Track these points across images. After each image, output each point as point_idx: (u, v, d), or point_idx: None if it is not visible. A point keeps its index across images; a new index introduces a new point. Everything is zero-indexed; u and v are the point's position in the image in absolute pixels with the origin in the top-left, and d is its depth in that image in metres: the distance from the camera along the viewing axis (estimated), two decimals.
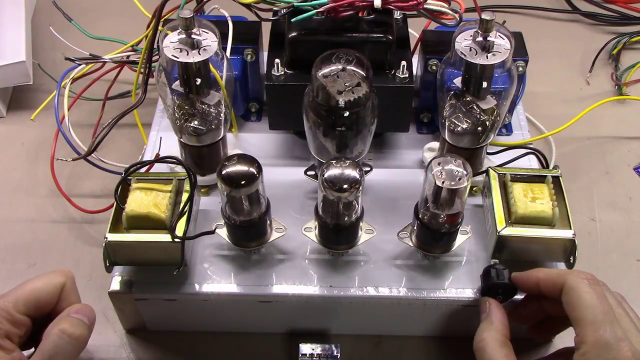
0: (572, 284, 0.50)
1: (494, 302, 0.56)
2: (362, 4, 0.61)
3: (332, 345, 0.59)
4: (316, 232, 0.60)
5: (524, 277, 0.55)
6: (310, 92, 0.59)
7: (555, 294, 0.51)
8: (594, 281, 0.50)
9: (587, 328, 0.47)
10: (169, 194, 0.59)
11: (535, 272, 0.54)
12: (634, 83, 0.90)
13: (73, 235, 0.71)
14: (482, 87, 0.61)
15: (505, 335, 0.53)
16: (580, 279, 0.50)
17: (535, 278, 0.54)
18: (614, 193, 0.76)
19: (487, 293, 0.57)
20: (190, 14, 0.58)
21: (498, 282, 0.56)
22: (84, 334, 0.52)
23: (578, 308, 0.48)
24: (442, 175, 0.54)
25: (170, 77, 0.62)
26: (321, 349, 0.59)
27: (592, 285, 0.49)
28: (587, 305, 0.48)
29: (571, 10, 1.03)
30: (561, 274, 0.52)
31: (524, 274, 0.55)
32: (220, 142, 0.65)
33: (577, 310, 0.49)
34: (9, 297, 0.52)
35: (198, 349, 0.63)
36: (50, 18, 0.85)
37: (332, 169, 0.54)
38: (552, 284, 0.52)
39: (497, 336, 0.52)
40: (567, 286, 0.50)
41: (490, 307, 0.55)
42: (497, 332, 0.53)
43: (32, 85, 0.84)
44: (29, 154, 0.80)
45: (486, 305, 0.55)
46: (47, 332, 0.51)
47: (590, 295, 0.49)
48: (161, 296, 0.59)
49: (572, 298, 0.49)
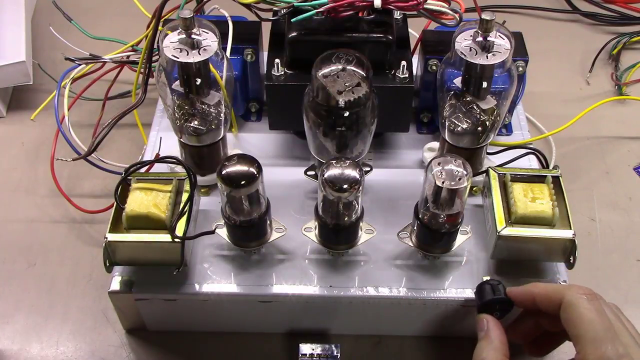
0: (570, 300, 0.48)
1: (492, 319, 0.54)
2: (362, 4, 0.61)
3: (332, 345, 0.59)
4: (316, 232, 0.60)
5: (520, 292, 0.53)
6: (310, 92, 0.59)
7: (553, 310, 0.50)
8: (592, 296, 0.49)
9: (588, 346, 0.46)
10: (169, 194, 0.59)
11: (531, 287, 0.53)
12: (634, 83, 0.90)
13: (73, 235, 0.71)
14: (482, 87, 0.61)
15: (504, 355, 0.51)
16: (579, 295, 0.48)
17: (531, 294, 0.52)
18: (614, 193, 0.76)
19: (484, 310, 0.55)
20: (190, 14, 0.58)
21: (495, 298, 0.54)
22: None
23: (578, 325, 0.47)
24: (442, 175, 0.54)
25: (170, 77, 0.62)
26: (321, 349, 0.59)
27: (591, 300, 0.48)
28: (587, 322, 0.47)
29: (571, 10, 1.03)
30: (558, 290, 0.50)
31: (520, 289, 0.54)
32: (220, 142, 0.65)
33: (577, 328, 0.47)
34: None
35: (198, 349, 0.63)
36: (50, 18, 0.85)
37: (332, 169, 0.54)
38: (549, 300, 0.51)
39: (497, 355, 0.51)
40: (566, 302, 0.49)
41: (488, 324, 0.53)
42: (496, 351, 0.51)
43: (32, 85, 0.84)
44: (29, 154, 0.80)
45: (484, 322, 0.54)
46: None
47: (590, 312, 0.47)
48: (161, 296, 0.59)
49: (571, 315, 0.48)
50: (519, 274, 0.60)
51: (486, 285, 0.55)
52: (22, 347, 0.62)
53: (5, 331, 0.64)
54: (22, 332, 0.64)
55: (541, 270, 0.60)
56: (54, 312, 0.65)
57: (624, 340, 0.47)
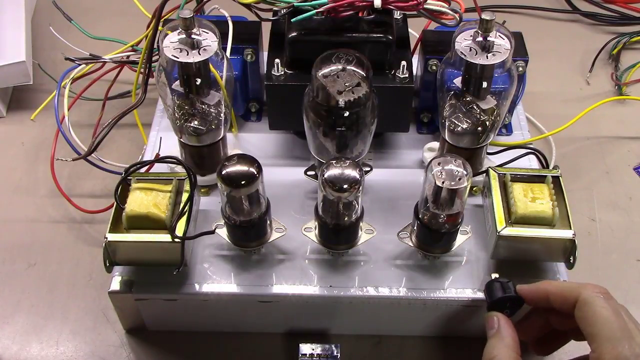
0: (587, 298, 0.48)
1: (503, 317, 0.53)
2: (362, 4, 0.61)
3: (332, 345, 0.59)
4: (316, 232, 0.60)
5: (532, 289, 0.53)
6: (310, 92, 0.59)
7: (567, 308, 0.50)
8: (608, 295, 0.49)
9: (604, 344, 0.46)
10: (169, 194, 0.59)
11: (545, 284, 0.53)
12: (634, 83, 0.90)
13: (73, 235, 0.71)
14: (482, 87, 0.61)
15: (517, 352, 0.51)
16: (595, 293, 0.48)
17: (545, 291, 0.52)
18: (614, 193, 0.76)
19: (494, 308, 0.55)
20: (190, 14, 0.58)
21: (505, 296, 0.54)
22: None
23: (594, 324, 0.47)
24: (442, 175, 0.54)
25: (170, 77, 0.62)
26: (321, 349, 0.59)
27: (607, 299, 0.48)
28: (604, 321, 0.47)
29: (571, 10, 1.03)
30: (574, 288, 0.50)
31: (532, 286, 0.53)
32: (220, 142, 0.65)
33: (593, 326, 0.47)
34: None
35: (198, 349, 0.63)
36: (50, 18, 0.85)
37: (332, 169, 0.54)
38: (563, 297, 0.50)
39: (509, 352, 0.50)
40: (582, 301, 0.48)
41: (499, 322, 0.53)
42: (508, 348, 0.51)
43: (32, 85, 0.84)
44: (29, 154, 0.80)
45: (494, 320, 0.53)
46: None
47: (607, 310, 0.47)
48: (161, 296, 0.59)
49: (587, 313, 0.48)
50: (518, 274, 0.60)
51: (495, 283, 0.55)
52: (22, 347, 0.62)
53: (5, 331, 0.64)
54: (22, 332, 0.64)
55: (541, 270, 0.60)
56: (54, 312, 0.65)
57: (638, 341, 0.46)
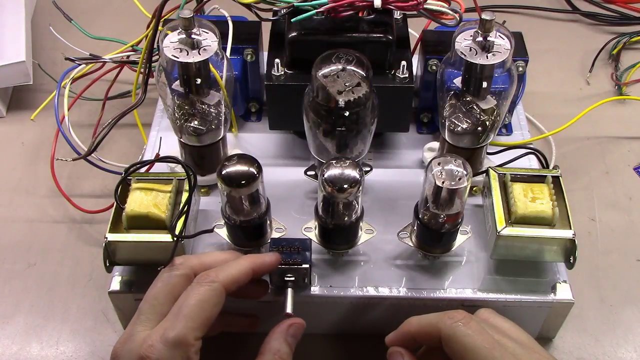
0: (447, 333, 0.48)
1: (407, 353, 0.53)
2: (362, 4, 0.61)
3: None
4: (316, 232, 0.60)
5: (398, 336, 0.53)
6: (310, 92, 0.59)
7: (437, 343, 0.49)
8: (466, 319, 0.49)
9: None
10: (169, 194, 0.59)
11: (407, 326, 0.52)
12: (634, 83, 0.90)
13: (73, 235, 0.71)
14: (482, 87, 0.61)
15: None
16: (454, 324, 0.48)
17: (409, 333, 0.52)
18: (614, 193, 0.76)
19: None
20: (190, 14, 0.58)
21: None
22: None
23: (465, 355, 0.47)
24: (442, 175, 0.54)
25: (170, 77, 0.62)
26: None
27: (466, 325, 0.48)
28: (472, 350, 0.47)
29: (571, 10, 1.03)
30: (432, 323, 0.50)
31: (397, 332, 0.53)
32: (220, 142, 0.65)
33: (464, 358, 0.47)
34: None
35: None
36: (50, 18, 0.85)
37: (332, 169, 0.54)
38: (428, 335, 0.50)
39: None
40: (445, 337, 0.48)
41: (404, 359, 0.52)
42: None
43: (32, 85, 0.84)
44: (29, 154, 0.80)
45: (399, 356, 0.53)
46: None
47: (470, 337, 0.47)
48: None
49: (454, 347, 0.48)
50: (519, 274, 0.60)
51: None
52: (22, 347, 0.62)
53: (5, 331, 0.64)
54: (22, 332, 0.64)
55: (541, 270, 0.60)
56: (54, 312, 0.65)
57: (510, 350, 0.47)
